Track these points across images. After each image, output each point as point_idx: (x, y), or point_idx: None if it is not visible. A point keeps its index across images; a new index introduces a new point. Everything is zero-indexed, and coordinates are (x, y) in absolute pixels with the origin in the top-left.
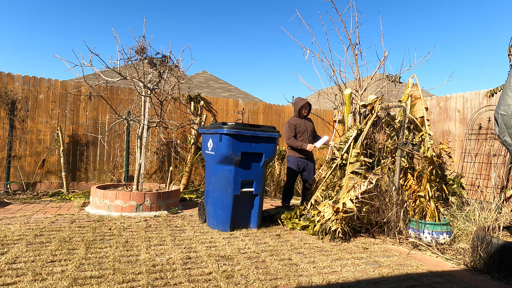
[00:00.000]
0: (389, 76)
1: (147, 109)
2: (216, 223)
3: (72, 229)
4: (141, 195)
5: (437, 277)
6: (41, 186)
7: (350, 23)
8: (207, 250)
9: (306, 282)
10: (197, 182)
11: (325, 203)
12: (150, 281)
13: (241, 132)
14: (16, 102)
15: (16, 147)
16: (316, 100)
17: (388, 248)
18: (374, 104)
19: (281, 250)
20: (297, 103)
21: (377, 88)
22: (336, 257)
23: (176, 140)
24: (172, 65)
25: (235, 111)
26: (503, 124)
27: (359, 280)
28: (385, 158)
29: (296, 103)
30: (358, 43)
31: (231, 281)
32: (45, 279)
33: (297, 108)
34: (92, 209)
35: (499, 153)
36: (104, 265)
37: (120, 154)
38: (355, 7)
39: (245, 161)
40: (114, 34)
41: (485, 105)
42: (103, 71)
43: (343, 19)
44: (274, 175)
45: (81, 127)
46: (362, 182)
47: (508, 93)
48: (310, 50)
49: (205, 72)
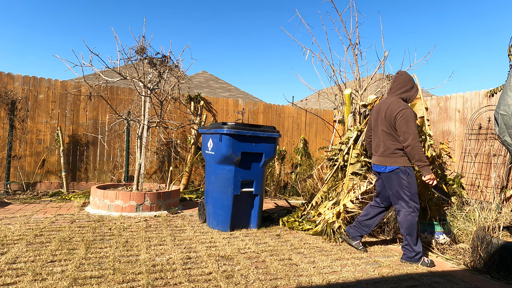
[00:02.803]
0: (389, 76)
1: (147, 109)
2: (216, 223)
3: (72, 229)
4: (141, 195)
5: (437, 277)
6: (41, 186)
7: (350, 23)
8: (207, 250)
9: (306, 282)
10: (197, 182)
11: (325, 204)
12: (150, 281)
13: (241, 132)
14: (16, 102)
15: (16, 147)
16: (316, 100)
17: (388, 248)
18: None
19: (281, 250)
20: (411, 80)
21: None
22: (336, 257)
23: (176, 140)
24: (172, 65)
25: (235, 111)
26: (503, 124)
27: (359, 280)
28: None
29: (410, 80)
30: (358, 43)
31: (231, 281)
32: (45, 279)
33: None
34: (92, 209)
35: (499, 153)
36: (104, 265)
37: (120, 154)
38: (355, 7)
39: (245, 161)
40: (114, 34)
41: (485, 105)
42: (103, 71)
43: (343, 19)
44: (274, 175)
45: (81, 127)
46: (362, 183)
47: (508, 93)
48: (310, 50)
49: (205, 72)
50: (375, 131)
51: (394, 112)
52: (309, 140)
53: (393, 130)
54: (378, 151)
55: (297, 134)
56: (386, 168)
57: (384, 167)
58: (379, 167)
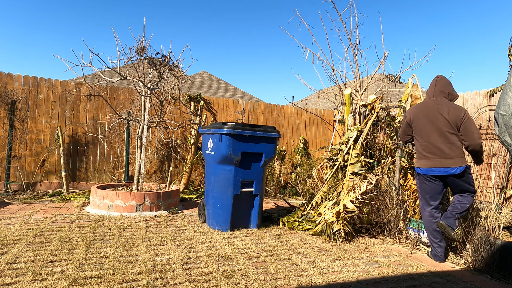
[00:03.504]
0: (389, 76)
1: (147, 109)
2: (216, 223)
3: (72, 229)
4: (141, 195)
5: (437, 277)
6: (41, 186)
7: (350, 23)
8: (207, 250)
9: (306, 282)
10: (197, 182)
11: (325, 204)
12: (150, 281)
13: (241, 132)
14: (16, 102)
15: (16, 147)
16: (316, 100)
17: (388, 248)
18: (374, 104)
19: (281, 250)
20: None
21: (377, 88)
22: (336, 257)
23: (176, 140)
24: (172, 65)
25: (235, 111)
26: (503, 124)
27: (359, 280)
28: (385, 158)
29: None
30: (358, 43)
31: (231, 281)
32: (45, 279)
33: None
34: (92, 209)
35: (499, 153)
36: (104, 265)
37: (120, 154)
38: (355, 7)
39: (245, 161)
40: (114, 34)
41: (485, 105)
42: (103, 71)
43: (343, 19)
44: (274, 175)
45: (81, 127)
46: (362, 183)
47: (508, 93)
48: (310, 50)
49: (205, 72)
50: (427, 134)
51: (461, 112)
52: (309, 140)
53: (457, 131)
54: (443, 153)
55: (297, 134)
56: (458, 169)
57: (455, 169)
58: (448, 170)
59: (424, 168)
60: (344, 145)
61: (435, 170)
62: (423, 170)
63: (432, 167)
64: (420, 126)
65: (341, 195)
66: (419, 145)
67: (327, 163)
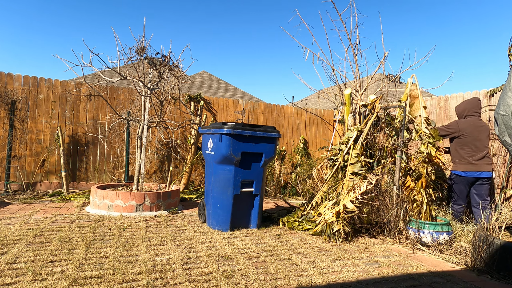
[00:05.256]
0: (389, 76)
1: (147, 109)
2: (216, 223)
3: (72, 229)
4: (141, 195)
5: (437, 277)
6: (41, 186)
7: (350, 23)
8: (207, 250)
9: (306, 282)
10: (197, 182)
11: (325, 204)
12: (150, 281)
13: (241, 132)
14: (16, 102)
15: (16, 147)
16: (316, 100)
17: (388, 248)
18: (375, 104)
19: (281, 250)
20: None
21: (377, 88)
22: (336, 257)
23: (176, 140)
24: (172, 65)
25: (235, 111)
26: (503, 124)
27: (359, 280)
28: (385, 158)
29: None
30: (358, 43)
31: (231, 281)
32: (45, 279)
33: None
34: (92, 209)
35: (499, 153)
36: (104, 265)
37: (120, 154)
38: (355, 7)
39: (245, 161)
40: (114, 34)
41: (485, 105)
42: (103, 71)
43: (343, 19)
44: (274, 175)
45: (81, 127)
46: (362, 183)
47: (508, 93)
48: (310, 50)
49: (205, 72)
50: (475, 143)
51: (488, 128)
52: (309, 140)
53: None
54: (483, 159)
55: (297, 134)
56: (490, 173)
57: (491, 173)
58: (489, 173)
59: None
60: (344, 145)
61: (481, 173)
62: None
63: (481, 170)
64: (470, 138)
65: (341, 195)
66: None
67: (327, 163)
